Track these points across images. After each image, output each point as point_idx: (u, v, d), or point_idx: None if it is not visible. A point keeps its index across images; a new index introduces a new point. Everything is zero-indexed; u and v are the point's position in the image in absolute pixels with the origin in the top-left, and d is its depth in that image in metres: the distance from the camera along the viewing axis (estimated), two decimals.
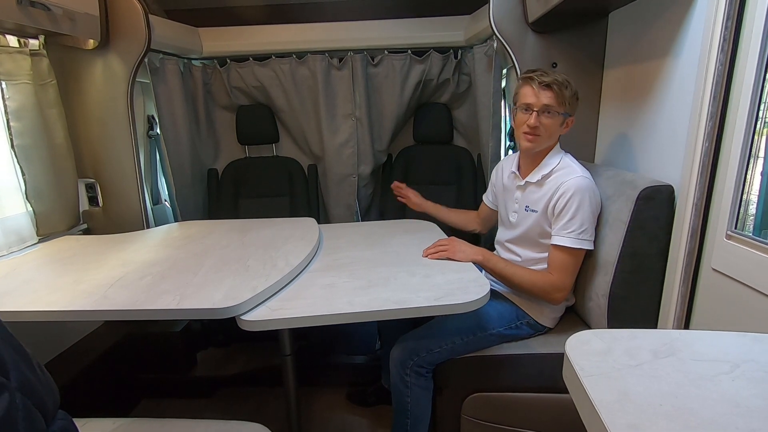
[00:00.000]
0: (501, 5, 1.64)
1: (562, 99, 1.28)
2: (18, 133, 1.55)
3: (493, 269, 1.33)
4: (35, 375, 0.59)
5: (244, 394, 1.93)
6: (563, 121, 1.32)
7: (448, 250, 1.32)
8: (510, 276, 1.32)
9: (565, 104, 1.29)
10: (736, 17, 0.97)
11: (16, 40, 1.53)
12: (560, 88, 1.27)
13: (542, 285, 1.29)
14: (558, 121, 1.31)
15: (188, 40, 2.15)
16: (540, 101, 1.28)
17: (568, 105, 1.29)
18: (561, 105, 1.28)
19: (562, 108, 1.29)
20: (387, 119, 2.43)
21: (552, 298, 1.31)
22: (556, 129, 1.32)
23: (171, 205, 2.38)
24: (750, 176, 0.97)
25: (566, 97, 1.28)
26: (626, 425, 0.47)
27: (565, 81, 1.29)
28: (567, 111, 1.30)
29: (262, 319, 1.00)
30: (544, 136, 1.31)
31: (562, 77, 1.29)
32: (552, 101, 1.27)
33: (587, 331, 0.67)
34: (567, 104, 1.29)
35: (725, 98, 1.01)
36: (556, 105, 1.28)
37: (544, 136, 1.31)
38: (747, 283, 0.93)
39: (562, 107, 1.29)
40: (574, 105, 1.32)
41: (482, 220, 1.74)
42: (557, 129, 1.32)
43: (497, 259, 1.35)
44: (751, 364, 0.58)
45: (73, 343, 1.73)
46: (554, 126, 1.31)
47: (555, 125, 1.30)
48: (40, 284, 1.19)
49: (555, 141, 1.36)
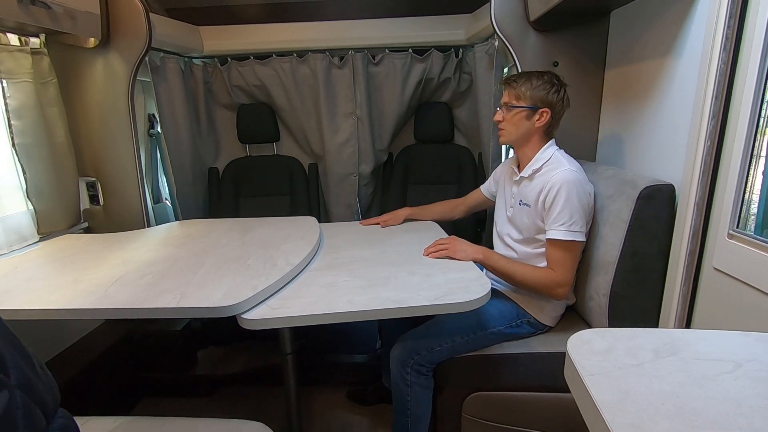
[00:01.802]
0: (502, 4, 1.64)
1: (518, 94, 1.34)
2: (19, 132, 1.55)
3: (494, 267, 1.33)
4: (35, 373, 0.59)
5: (245, 393, 1.93)
6: (530, 113, 1.34)
7: (448, 249, 1.32)
8: (512, 273, 1.32)
9: (524, 98, 1.34)
10: (738, 16, 0.97)
11: (17, 39, 1.53)
12: (517, 84, 1.34)
13: (544, 280, 1.29)
14: (519, 114, 1.35)
15: (189, 39, 2.15)
16: (503, 99, 1.40)
17: (529, 98, 1.33)
18: (519, 99, 1.35)
19: (520, 102, 1.34)
20: (388, 118, 2.43)
21: (555, 294, 1.30)
22: (521, 122, 1.36)
23: (171, 204, 2.38)
24: (752, 175, 0.96)
25: (523, 92, 1.33)
26: (628, 424, 0.47)
27: (528, 77, 1.34)
28: (531, 104, 1.33)
29: (262, 318, 1.00)
30: (509, 129, 1.38)
31: (530, 75, 1.34)
32: (509, 98, 1.37)
33: (588, 330, 0.66)
34: (527, 98, 1.33)
35: (727, 97, 1.00)
36: (513, 100, 1.36)
37: (508, 129, 1.39)
38: (749, 283, 0.93)
39: (521, 101, 1.34)
40: (541, 97, 1.33)
41: (468, 207, 1.75)
42: (522, 122, 1.35)
43: (498, 257, 1.35)
44: (754, 364, 0.57)
45: (74, 341, 1.73)
46: (516, 120, 1.36)
47: (517, 119, 1.36)
48: (40, 283, 1.19)
49: (531, 133, 1.37)
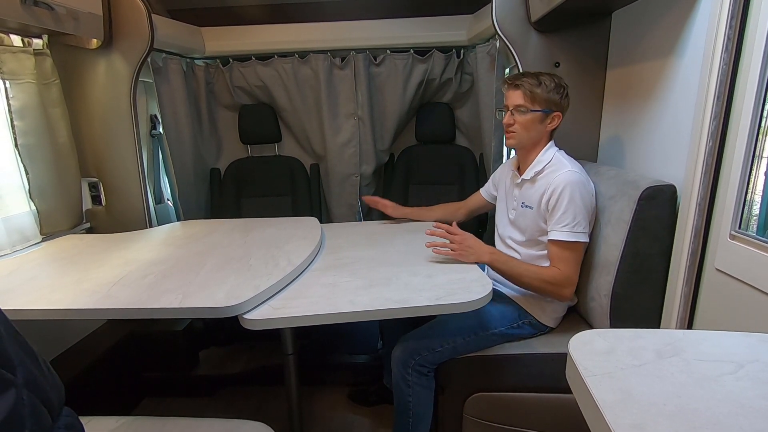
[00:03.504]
0: (504, 4, 1.63)
1: (533, 97, 1.32)
2: (22, 132, 1.56)
3: (501, 269, 1.31)
4: (41, 372, 0.59)
5: (246, 393, 1.93)
6: (543, 117, 1.33)
7: (456, 250, 1.28)
8: (519, 275, 1.30)
9: (538, 101, 1.32)
10: (740, 16, 0.97)
11: (20, 40, 1.54)
12: (531, 87, 1.31)
13: (552, 280, 1.28)
14: (533, 117, 1.33)
15: (191, 40, 2.15)
16: (512, 101, 1.35)
17: (544, 102, 1.32)
18: (533, 102, 1.32)
19: (535, 105, 1.32)
20: (389, 119, 2.43)
21: (561, 294, 1.30)
22: (533, 125, 1.34)
23: (173, 205, 2.39)
24: (754, 176, 0.96)
25: (539, 95, 1.31)
26: (630, 425, 0.47)
27: (540, 79, 1.31)
28: (545, 108, 1.32)
29: (264, 318, 1.00)
30: (520, 132, 1.36)
31: (538, 76, 1.32)
32: (522, 100, 1.33)
33: (590, 330, 0.66)
34: (542, 101, 1.32)
35: (729, 98, 1.00)
36: (527, 103, 1.33)
37: (520, 133, 1.36)
38: (751, 284, 0.93)
39: (535, 104, 1.32)
40: (555, 101, 1.33)
41: (468, 211, 1.74)
42: (535, 125, 1.34)
43: (506, 258, 1.33)
44: (756, 365, 0.57)
45: (77, 341, 1.74)
46: (529, 123, 1.34)
47: (530, 122, 1.34)
48: (43, 283, 1.20)
49: (541, 137, 1.37)
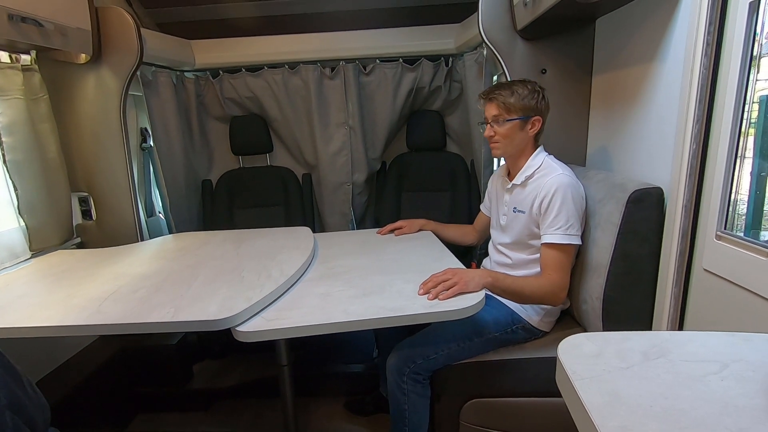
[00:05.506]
0: (490, 13, 1.66)
1: (508, 106, 1.33)
2: (10, 148, 1.55)
3: (501, 288, 1.26)
4: (25, 392, 0.59)
5: (241, 406, 1.91)
6: (522, 124, 1.35)
7: (459, 283, 1.15)
8: (519, 291, 1.27)
9: (514, 110, 1.34)
10: (718, 22, 0.99)
11: (8, 56, 1.54)
12: (504, 98, 1.33)
13: (549, 288, 1.28)
14: (512, 126, 1.35)
15: (180, 53, 2.16)
16: (489, 113, 1.38)
17: (520, 109, 1.33)
18: (510, 111, 1.34)
19: (512, 114, 1.34)
20: (380, 127, 2.45)
21: (557, 299, 1.30)
22: (514, 133, 1.36)
23: (165, 217, 2.38)
24: (738, 176, 0.98)
25: (513, 104, 1.33)
26: (617, 427, 0.48)
27: (512, 89, 1.33)
28: (522, 114, 1.34)
29: (257, 330, 1.00)
30: (503, 142, 1.37)
31: (511, 86, 1.34)
32: (497, 111, 1.35)
33: (579, 334, 0.67)
34: (518, 109, 1.33)
35: (710, 100, 1.02)
36: (503, 113, 1.35)
37: (502, 143, 1.38)
38: (738, 283, 0.94)
39: (512, 113, 1.34)
40: (531, 106, 1.34)
41: (479, 232, 1.73)
42: (516, 133, 1.36)
43: (503, 277, 1.29)
44: (741, 364, 0.58)
45: (68, 358, 1.72)
46: (509, 131, 1.35)
47: (510, 131, 1.35)
48: (33, 300, 1.19)
49: (526, 143, 1.38)
